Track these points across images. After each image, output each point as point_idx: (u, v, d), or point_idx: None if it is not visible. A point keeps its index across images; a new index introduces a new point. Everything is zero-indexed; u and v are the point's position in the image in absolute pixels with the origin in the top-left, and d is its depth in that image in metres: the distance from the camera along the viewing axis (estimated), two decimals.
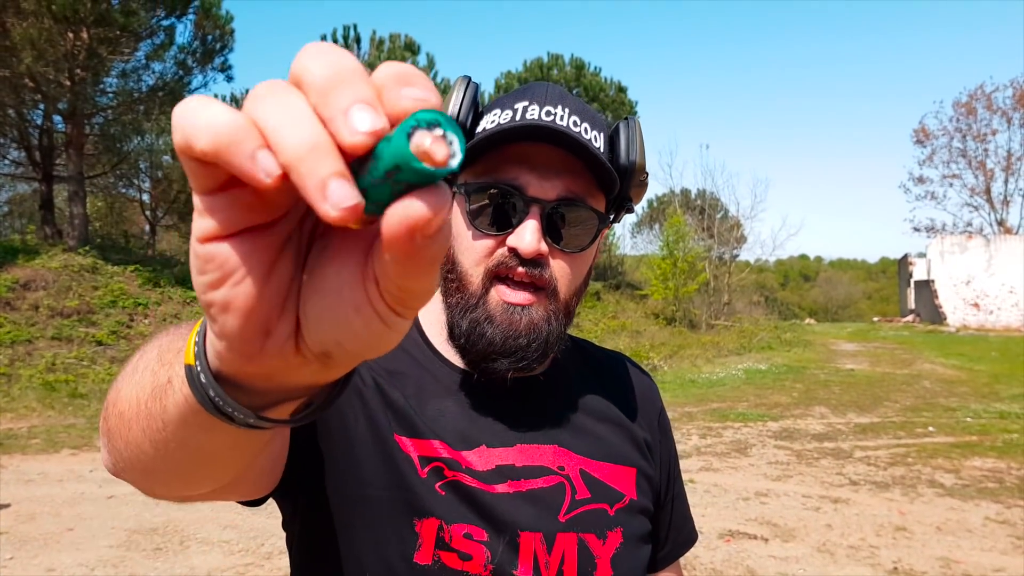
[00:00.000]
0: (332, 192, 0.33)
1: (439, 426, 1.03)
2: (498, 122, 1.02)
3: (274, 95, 0.35)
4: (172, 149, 26.54)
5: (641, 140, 1.08)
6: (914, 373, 16.03)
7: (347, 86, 0.34)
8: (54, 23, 15.47)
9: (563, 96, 1.04)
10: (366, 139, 0.33)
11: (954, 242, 32.78)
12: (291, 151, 0.33)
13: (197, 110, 0.35)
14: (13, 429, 9.71)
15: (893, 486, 7.32)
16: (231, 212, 0.37)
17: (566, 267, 1.04)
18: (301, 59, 0.36)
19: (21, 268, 14.72)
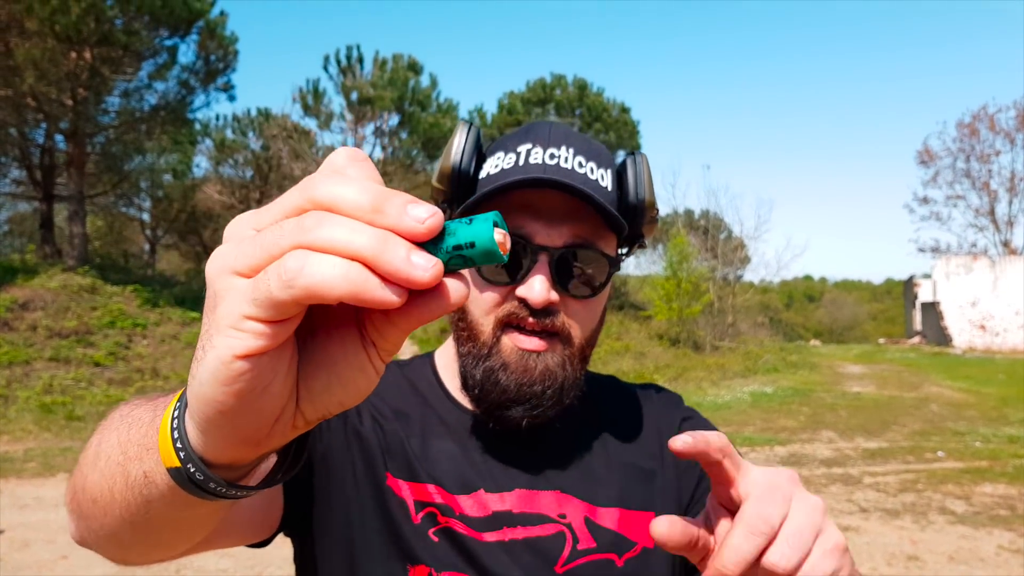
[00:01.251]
0: (417, 262, 0.40)
1: (438, 469, 1.02)
2: (501, 167, 1.01)
3: (330, 221, 0.40)
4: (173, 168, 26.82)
5: (649, 176, 1.06)
6: (922, 396, 15.85)
7: (391, 195, 0.41)
8: (57, 43, 15.49)
9: (567, 136, 1.04)
10: (433, 222, 0.40)
11: (959, 263, 32.64)
12: (370, 250, 0.39)
13: (310, 266, 0.38)
14: (9, 452, 9.60)
15: (904, 513, 7.16)
16: (282, 330, 0.42)
17: (579, 312, 1.02)
18: (332, 188, 0.41)
19: (20, 288, 14.64)
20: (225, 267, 0.42)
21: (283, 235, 0.40)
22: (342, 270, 0.38)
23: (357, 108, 21.97)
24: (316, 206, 0.41)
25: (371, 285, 0.39)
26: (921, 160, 41.90)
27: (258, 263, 0.41)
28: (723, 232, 33.14)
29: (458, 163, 1.02)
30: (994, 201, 39.47)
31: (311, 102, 22.80)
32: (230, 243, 0.44)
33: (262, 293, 0.39)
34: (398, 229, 0.40)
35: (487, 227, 0.42)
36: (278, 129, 24.47)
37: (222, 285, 0.42)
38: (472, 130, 1.05)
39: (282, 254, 0.40)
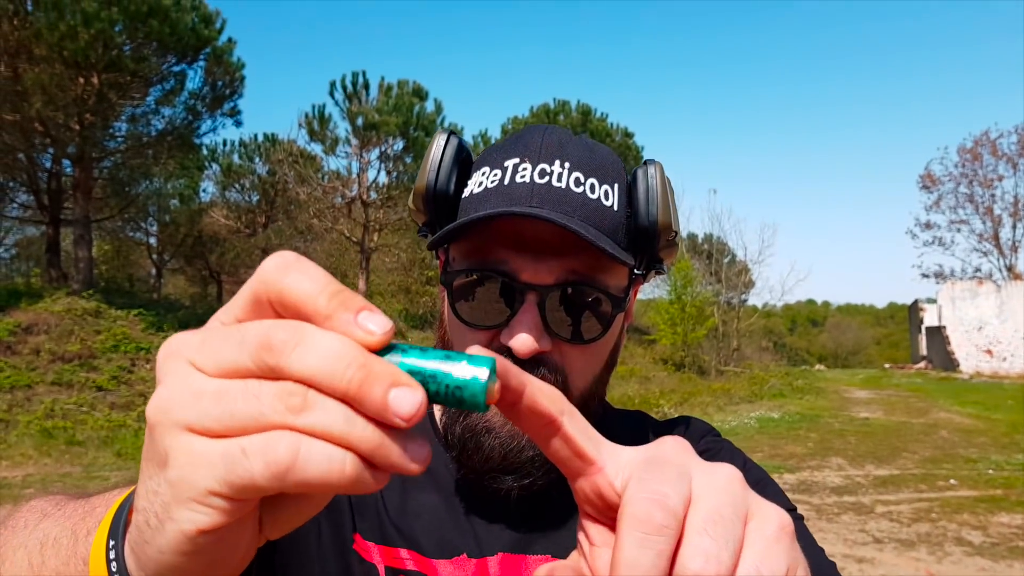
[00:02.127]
0: (415, 456, 0.37)
1: (417, 528, 0.88)
2: (485, 185, 0.87)
3: (321, 406, 0.36)
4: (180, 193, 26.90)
5: (664, 192, 0.90)
6: (930, 422, 15.71)
7: (371, 373, 0.36)
8: (65, 68, 15.57)
9: (562, 145, 0.88)
10: (419, 409, 0.36)
11: (965, 288, 32.60)
12: (367, 444, 0.36)
13: (304, 459, 0.35)
14: (8, 478, 9.51)
15: (919, 544, 7.03)
16: (252, 503, 0.38)
17: (577, 359, 0.87)
18: (305, 359, 0.37)
19: (24, 312, 14.62)
20: (177, 420, 0.37)
21: (262, 407, 0.36)
22: (339, 464, 0.35)
23: (362, 133, 22.02)
24: (285, 378, 0.36)
25: (365, 477, 0.36)
26: (923, 185, 42.01)
27: (225, 430, 0.36)
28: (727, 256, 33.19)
29: (433, 182, 0.90)
30: (998, 226, 39.50)
31: (317, 127, 22.86)
32: (173, 384, 0.38)
33: (240, 478, 0.35)
34: (380, 420, 0.36)
35: (479, 383, 0.37)
36: (284, 154, 24.57)
37: (174, 443, 0.37)
38: (451, 141, 0.92)
39: (261, 430, 0.36)
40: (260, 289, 0.39)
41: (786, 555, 0.40)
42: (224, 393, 0.36)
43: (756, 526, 0.41)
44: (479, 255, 0.85)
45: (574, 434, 0.43)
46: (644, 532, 0.37)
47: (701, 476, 0.42)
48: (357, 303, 0.37)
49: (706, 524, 0.39)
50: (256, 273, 0.39)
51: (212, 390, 0.37)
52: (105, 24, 15.27)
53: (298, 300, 0.37)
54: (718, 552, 0.38)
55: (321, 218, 24.07)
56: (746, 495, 0.42)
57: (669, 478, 0.40)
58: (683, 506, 0.39)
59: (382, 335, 0.37)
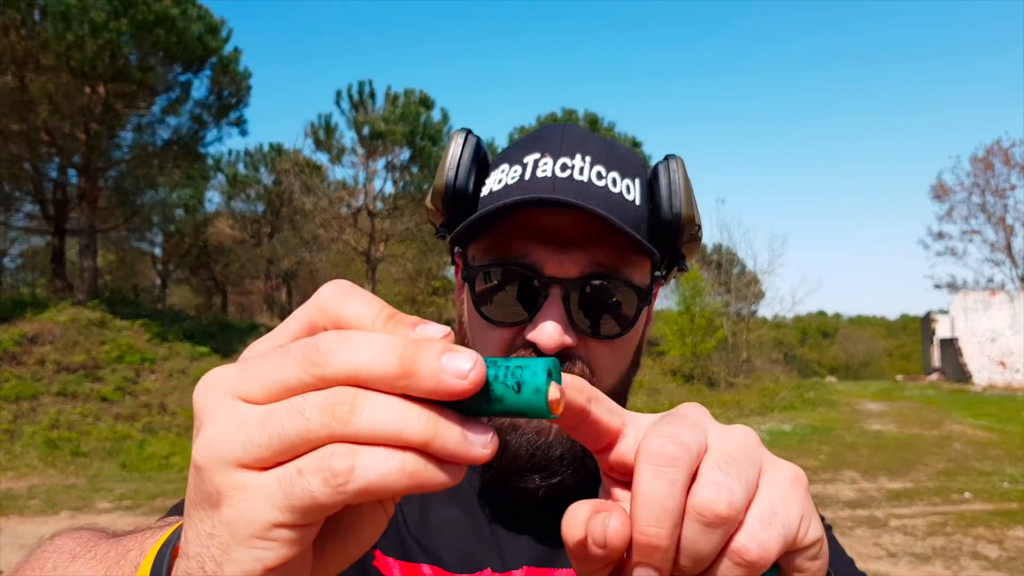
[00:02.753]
0: (476, 439, 0.35)
1: (439, 542, 0.85)
2: (505, 182, 0.86)
3: (367, 406, 0.35)
4: (185, 203, 27.00)
5: (687, 185, 0.88)
6: (944, 435, 15.53)
7: (420, 349, 0.35)
8: (72, 78, 15.63)
9: (582, 140, 0.87)
10: (477, 375, 0.34)
11: (977, 299, 32.40)
12: (421, 436, 0.34)
13: (362, 465, 0.34)
14: (13, 489, 9.49)
15: (934, 558, 6.89)
16: (316, 528, 0.37)
17: (603, 354, 0.85)
18: (349, 355, 0.35)
19: (29, 322, 14.63)
20: (226, 458, 0.35)
21: (308, 423, 0.34)
22: (398, 464, 0.34)
23: (369, 143, 22.05)
24: (333, 379, 0.35)
25: (430, 473, 0.35)
26: (935, 195, 41.74)
27: (275, 456, 0.35)
28: (736, 267, 33.04)
29: (452, 180, 0.88)
30: (1010, 236, 39.20)
31: (323, 137, 22.92)
32: (217, 419, 0.37)
33: (301, 499, 0.34)
34: (438, 393, 0.34)
35: (539, 400, 0.36)
36: (290, 164, 24.64)
37: (227, 481, 0.35)
38: (470, 139, 0.90)
39: (312, 448, 0.35)
40: (316, 316, 0.39)
41: (800, 502, 0.42)
42: (269, 416, 0.35)
43: (770, 475, 0.43)
44: (500, 250, 0.83)
45: (601, 416, 0.44)
46: (657, 464, 0.39)
47: (716, 430, 0.44)
48: (412, 319, 0.37)
49: (719, 463, 0.41)
50: (312, 300, 0.39)
51: (256, 416, 0.36)
52: (112, 34, 15.34)
53: (356, 324, 0.37)
54: (731, 485, 0.39)
55: (327, 228, 24.07)
56: (760, 449, 0.44)
57: (684, 425, 0.42)
58: (696, 447, 0.41)
59: (443, 340, 0.36)
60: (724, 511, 0.38)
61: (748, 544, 0.39)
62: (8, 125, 16.14)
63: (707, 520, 0.38)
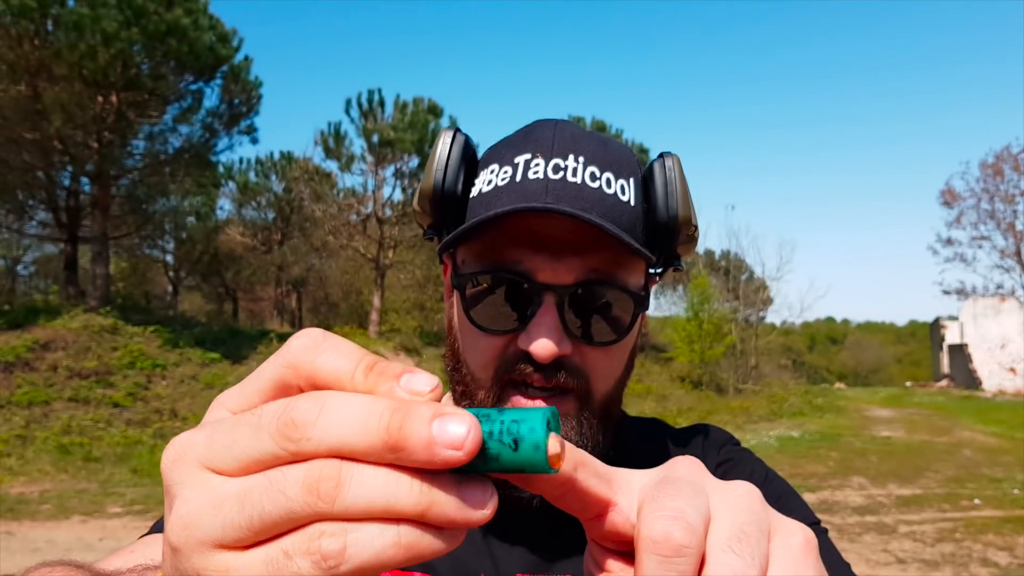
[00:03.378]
0: (474, 501, 0.32)
1: None
2: (495, 183, 0.82)
3: (354, 480, 0.32)
4: (197, 211, 27.12)
5: (683, 184, 0.85)
6: (953, 441, 15.48)
7: (407, 414, 0.32)
8: (84, 87, 15.75)
9: (575, 140, 0.83)
10: (472, 443, 0.32)
11: (987, 305, 32.28)
12: (416, 508, 0.32)
13: (355, 545, 0.31)
14: (25, 493, 9.55)
15: (943, 564, 6.87)
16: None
17: (598, 361, 0.82)
18: (330, 427, 0.32)
19: (42, 328, 14.73)
20: (204, 540, 0.33)
21: (291, 504, 0.31)
22: (392, 538, 0.31)
23: (378, 150, 22.14)
24: (313, 455, 0.32)
25: (427, 542, 0.32)
26: (944, 201, 41.57)
27: (256, 536, 0.32)
28: (745, 273, 32.98)
29: (440, 181, 0.85)
30: (1020, 242, 39.02)
31: (332, 145, 23.01)
32: (190, 496, 0.33)
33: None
34: (431, 465, 0.31)
35: (539, 457, 0.33)
36: (300, 172, 24.75)
37: (207, 564, 0.33)
38: (457, 138, 0.87)
39: (296, 526, 0.32)
40: (287, 373, 0.35)
41: (814, 570, 0.38)
42: (247, 495, 0.32)
43: (781, 541, 0.38)
44: (492, 256, 0.80)
45: (589, 485, 0.39)
46: (664, 555, 0.35)
47: (718, 494, 0.39)
48: (396, 369, 0.34)
49: (730, 541, 0.36)
50: (279, 354, 0.36)
51: (233, 493, 0.32)
52: (124, 44, 15.47)
53: (334, 379, 0.34)
54: (745, 569, 0.35)
55: (336, 235, 24.16)
56: (767, 511, 0.40)
57: (685, 494, 0.37)
58: (703, 524, 0.36)
59: (430, 394, 0.33)
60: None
61: None
62: (21, 134, 16.26)
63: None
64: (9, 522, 8.17)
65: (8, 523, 8.13)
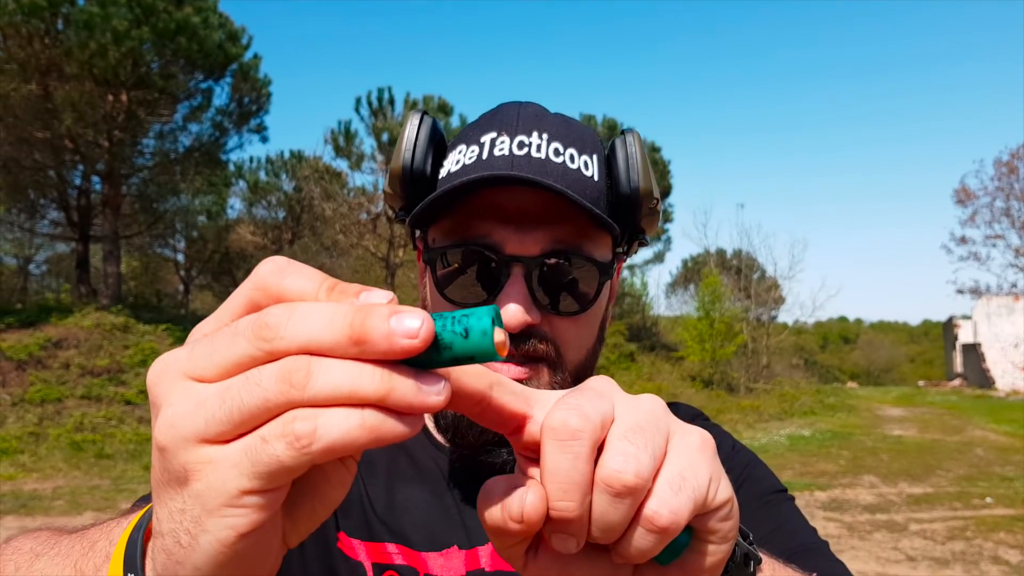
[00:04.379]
0: (429, 389, 0.36)
1: (405, 522, 0.86)
2: (463, 162, 0.85)
3: (321, 370, 0.35)
4: (208, 210, 27.23)
5: (644, 159, 0.89)
6: (965, 440, 15.38)
7: (367, 312, 0.35)
8: (95, 86, 15.83)
9: (539, 118, 0.87)
10: (426, 332, 0.35)
11: (1001, 304, 32.08)
12: (377, 392, 0.35)
13: (325, 427, 0.35)
14: (38, 490, 9.61)
15: (954, 562, 6.83)
16: (284, 491, 0.38)
17: (568, 330, 0.85)
18: (299, 326, 0.36)
19: (54, 327, 14.82)
20: (188, 436, 0.36)
21: (267, 393, 0.35)
22: (358, 420, 0.35)
23: (388, 149, 22.18)
24: (285, 352, 0.35)
25: (389, 426, 0.35)
26: (958, 199, 41.28)
27: (236, 429, 0.35)
28: (756, 272, 32.85)
29: (409, 162, 0.87)
30: None
31: (343, 143, 23.07)
32: (175, 401, 0.37)
33: (267, 465, 0.35)
34: (391, 354, 0.35)
35: (487, 342, 0.37)
36: (310, 170, 24.80)
37: (192, 457, 0.36)
38: (425, 121, 0.89)
39: (272, 416, 0.35)
40: (256, 295, 0.38)
41: (708, 465, 0.42)
42: (226, 391, 0.36)
43: (679, 441, 0.43)
44: (460, 231, 0.83)
45: (505, 401, 0.44)
46: (560, 439, 0.39)
47: (623, 401, 0.44)
48: (355, 288, 0.38)
49: (626, 433, 0.41)
50: (250, 279, 0.39)
51: (214, 391, 0.36)
52: (134, 42, 15.54)
53: (299, 298, 0.37)
54: (637, 454, 0.39)
55: (347, 234, 24.21)
56: (668, 416, 0.44)
57: (587, 396, 0.42)
58: (600, 417, 0.41)
59: (388, 303, 0.37)
60: (631, 481, 0.39)
61: (659, 511, 0.39)
62: (33, 133, 16.37)
63: (615, 491, 0.39)
64: (23, 517, 8.24)
65: (22, 518, 8.20)
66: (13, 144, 16.88)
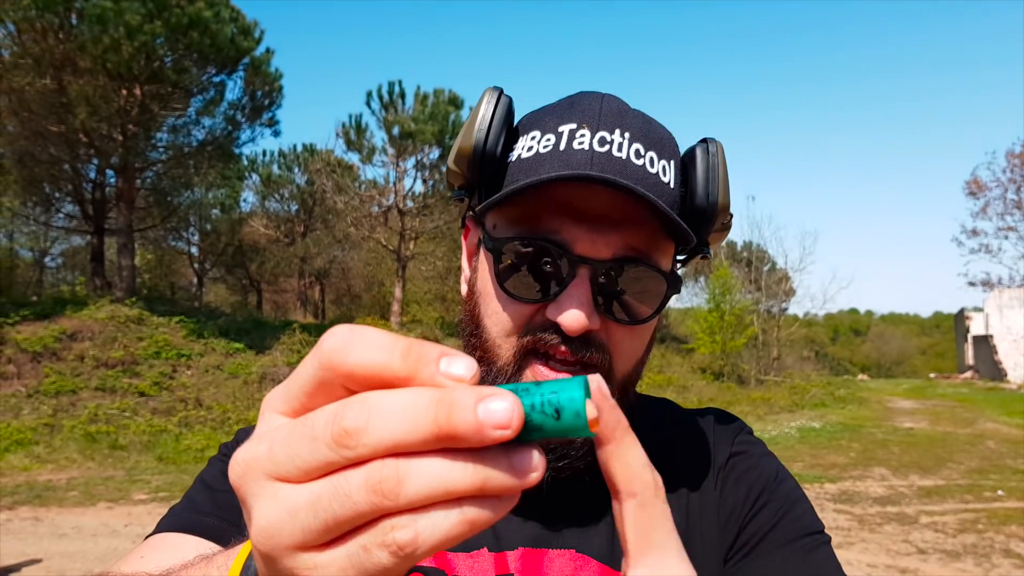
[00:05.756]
0: (523, 466, 0.34)
1: None
2: (537, 150, 0.80)
3: (412, 476, 0.34)
4: (221, 203, 27.33)
5: (724, 172, 0.84)
6: (977, 432, 15.34)
7: (453, 403, 0.33)
8: (109, 80, 15.90)
9: (621, 114, 0.80)
10: (517, 422, 0.33)
11: (1013, 296, 31.90)
12: (474, 486, 0.34)
13: (426, 531, 0.34)
14: (52, 481, 9.69)
15: (965, 555, 6.83)
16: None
17: (624, 340, 0.80)
18: (382, 427, 0.34)
19: (69, 319, 14.92)
20: (288, 545, 0.35)
21: (358, 506, 0.34)
22: (457, 517, 0.34)
23: (399, 142, 22.20)
24: (370, 458, 0.34)
25: (488, 512, 0.34)
26: (970, 191, 41.01)
27: (332, 535, 0.35)
28: (767, 264, 32.79)
29: (482, 142, 0.81)
30: None
31: (354, 137, 23.10)
32: (265, 507, 0.36)
33: (373, 570, 0.34)
34: (482, 446, 0.34)
35: (580, 423, 0.35)
36: (322, 164, 24.85)
37: (296, 564, 0.36)
38: (502, 100, 0.83)
39: (367, 521, 0.34)
40: (326, 375, 0.36)
41: None
42: (316, 501, 0.34)
43: None
44: (528, 223, 0.79)
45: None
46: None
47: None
48: (433, 352, 0.35)
49: None
50: (313, 356, 0.37)
51: (304, 501, 0.35)
52: (147, 37, 15.59)
53: (371, 373, 0.35)
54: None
55: (358, 227, 24.28)
56: None
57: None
58: None
59: (470, 379, 0.34)
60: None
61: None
62: (47, 127, 16.45)
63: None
64: (37, 508, 8.32)
65: (36, 509, 8.28)
66: (28, 138, 16.98)
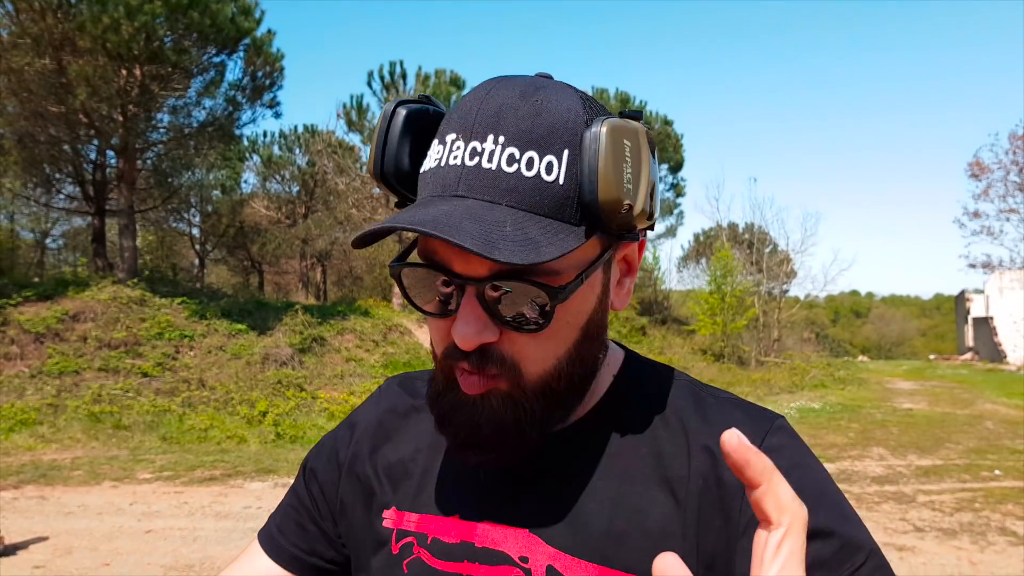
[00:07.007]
0: None
1: (424, 493, 0.91)
2: (429, 165, 0.78)
3: None
4: (222, 184, 27.27)
5: (609, 160, 0.72)
6: (975, 413, 15.42)
7: None
8: (108, 60, 15.83)
9: (499, 114, 0.74)
10: None
11: (1013, 277, 31.89)
12: None
13: None
14: (57, 460, 9.77)
15: (961, 533, 6.91)
16: None
17: (530, 345, 0.77)
18: None
19: (71, 300, 14.95)
20: None
21: None
22: None
23: None
24: None
25: None
26: (972, 173, 40.82)
27: None
28: (768, 246, 32.76)
29: (379, 166, 0.82)
30: None
31: (355, 118, 23.07)
32: None
33: None
34: None
35: None
36: (323, 145, 24.81)
37: None
38: (396, 117, 0.82)
39: None
40: None
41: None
42: None
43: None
44: (422, 244, 0.78)
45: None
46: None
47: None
48: None
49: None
50: None
51: None
52: (147, 17, 15.51)
53: None
54: None
55: (360, 208, 24.27)
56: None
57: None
58: None
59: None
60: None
61: None
62: (47, 107, 16.37)
63: None
64: (43, 487, 8.40)
65: (41, 488, 8.36)
66: (28, 119, 16.93)
